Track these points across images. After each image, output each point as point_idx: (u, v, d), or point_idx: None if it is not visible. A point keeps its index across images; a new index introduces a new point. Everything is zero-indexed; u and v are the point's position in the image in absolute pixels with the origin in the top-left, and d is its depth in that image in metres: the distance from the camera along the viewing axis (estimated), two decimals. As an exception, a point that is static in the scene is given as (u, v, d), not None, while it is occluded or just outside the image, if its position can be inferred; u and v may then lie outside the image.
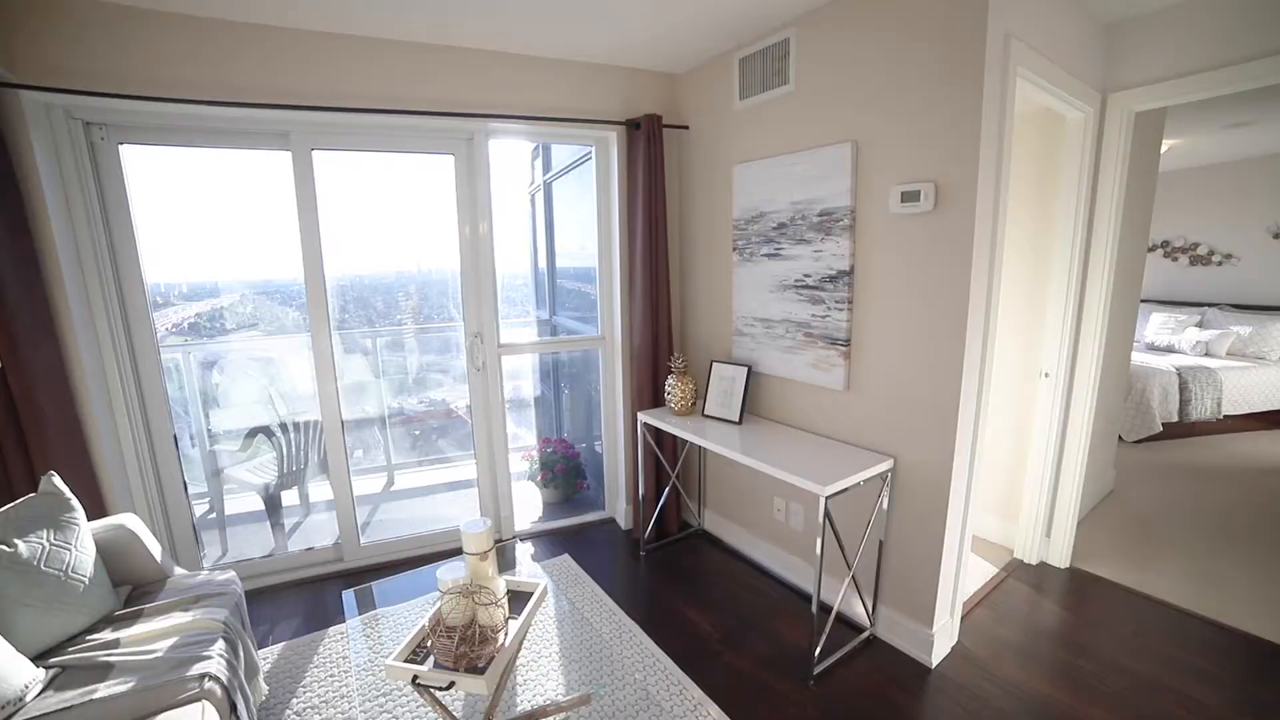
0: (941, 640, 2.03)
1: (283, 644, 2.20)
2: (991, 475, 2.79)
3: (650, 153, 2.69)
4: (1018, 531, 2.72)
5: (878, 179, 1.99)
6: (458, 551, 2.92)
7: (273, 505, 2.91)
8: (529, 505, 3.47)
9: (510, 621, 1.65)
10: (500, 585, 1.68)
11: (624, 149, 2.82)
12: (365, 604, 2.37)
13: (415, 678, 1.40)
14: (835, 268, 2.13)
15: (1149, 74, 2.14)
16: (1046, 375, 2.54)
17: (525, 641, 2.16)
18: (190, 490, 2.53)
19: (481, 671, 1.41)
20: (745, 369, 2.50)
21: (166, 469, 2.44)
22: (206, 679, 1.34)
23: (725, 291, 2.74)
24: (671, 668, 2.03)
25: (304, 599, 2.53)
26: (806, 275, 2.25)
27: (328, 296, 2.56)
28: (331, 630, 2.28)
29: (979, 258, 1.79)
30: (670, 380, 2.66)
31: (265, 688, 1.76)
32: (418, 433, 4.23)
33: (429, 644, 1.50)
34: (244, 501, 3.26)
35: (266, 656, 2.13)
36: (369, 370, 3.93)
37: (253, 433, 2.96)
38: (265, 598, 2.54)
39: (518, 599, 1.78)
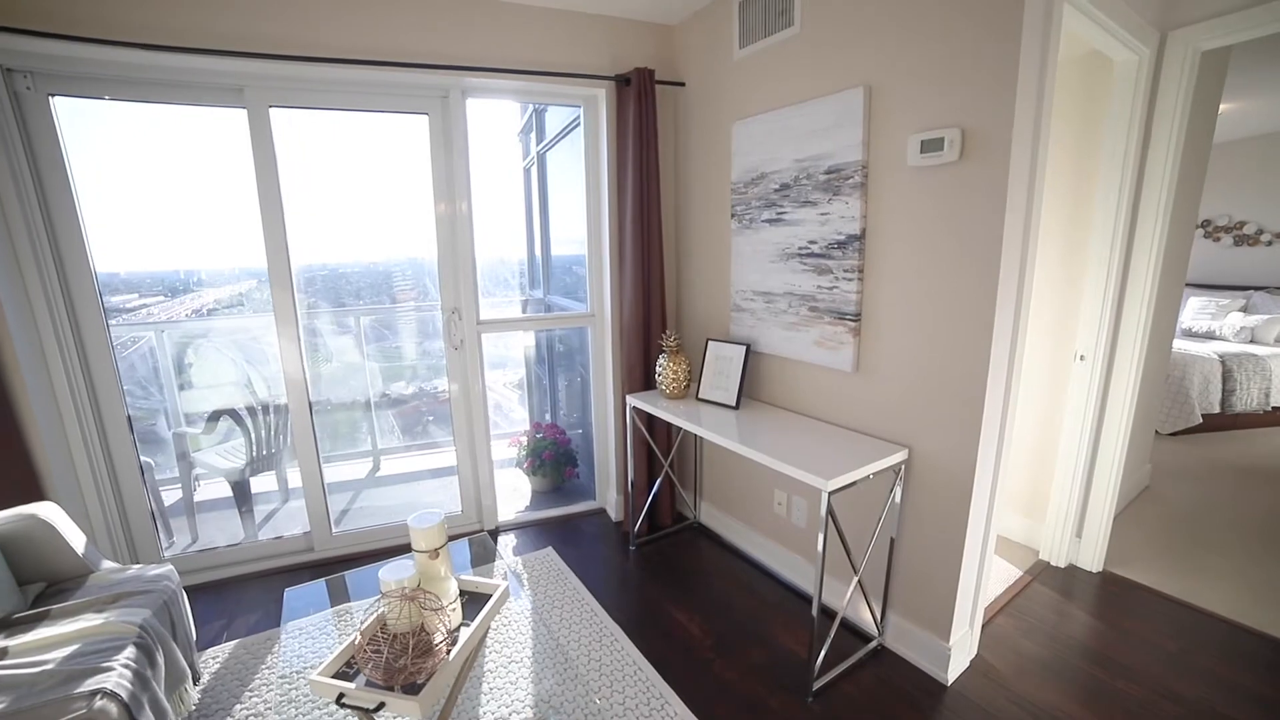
0: (959, 654, 1.80)
1: (235, 642, 2.04)
2: (1015, 467, 2.53)
3: (641, 110, 2.44)
4: (1044, 531, 2.46)
5: (894, 127, 1.72)
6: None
7: (241, 491, 2.74)
8: (517, 494, 3.28)
9: (463, 628, 1.45)
10: (451, 587, 1.48)
11: (614, 108, 2.57)
12: (338, 596, 2.20)
13: (341, 696, 1.21)
14: (844, 232, 1.87)
15: (1219, 2, 1.83)
16: (1082, 358, 2.27)
17: (494, 645, 1.98)
18: (169, 475, 2.38)
19: (418, 690, 1.21)
20: (743, 348, 2.26)
21: (121, 452, 2.28)
22: (99, 695, 1.15)
23: (723, 263, 2.49)
24: (654, 678, 1.83)
25: (269, 591, 2.37)
26: (812, 242, 1.99)
27: (291, 271, 2.36)
28: (290, 626, 2.10)
29: (1013, 216, 1.52)
30: (661, 360, 2.43)
31: (195, 696, 1.59)
32: (405, 417, 4.05)
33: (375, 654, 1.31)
34: (221, 487, 3.11)
35: (216, 655, 1.97)
36: (354, 352, 3.76)
37: (215, 415, 2.79)
38: (229, 589, 2.39)
39: (477, 602, 1.58)
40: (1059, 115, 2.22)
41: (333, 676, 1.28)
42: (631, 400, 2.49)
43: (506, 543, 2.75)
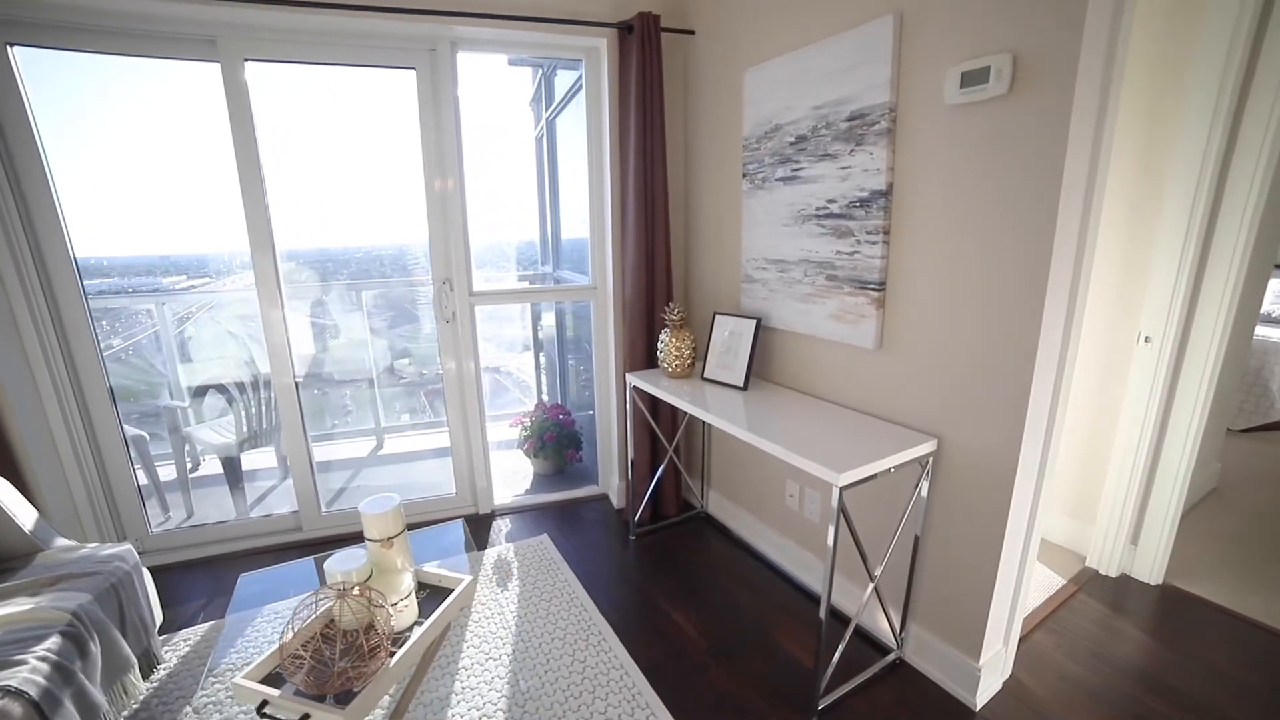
0: (990, 675, 1.57)
1: (209, 624, 1.96)
2: (1062, 461, 2.25)
3: (645, 60, 2.20)
4: (1093, 534, 2.18)
5: (929, 60, 1.45)
6: (435, 522, 2.65)
7: (231, 467, 2.68)
8: (519, 476, 3.15)
9: (416, 628, 1.30)
10: (406, 581, 1.32)
11: (615, 59, 2.34)
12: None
13: (264, 705, 1.07)
14: (867, 187, 1.62)
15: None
16: (1147, 340, 1.97)
17: (473, 640, 1.84)
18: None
19: (346, 702, 1.06)
20: (753, 322, 2.04)
21: (104, 426, 2.21)
22: (0, 695, 1.04)
23: (733, 228, 2.25)
24: (641, 685, 1.66)
25: (256, 570, 2.28)
26: (830, 201, 1.74)
27: (273, 239, 2.23)
28: (266, 609, 2.01)
29: (1075, 161, 1.25)
30: (664, 336, 2.22)
31: (142, 687, 1.49)
32: (410, 395, 3.96)
33: (300, 657, 1.17)
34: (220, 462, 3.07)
35: (188, 639, 1.89)
36: (357, 329, 3.66)
37: (201, 390, 2.72)
38: (216, 568, 2.32)
39: (439, 597, 1.43)
40: (1135, 49, 1.89)
41: (265, 678, 1.14)
42: (631, 379, 2.30)
43: (501, 527, 2.61)
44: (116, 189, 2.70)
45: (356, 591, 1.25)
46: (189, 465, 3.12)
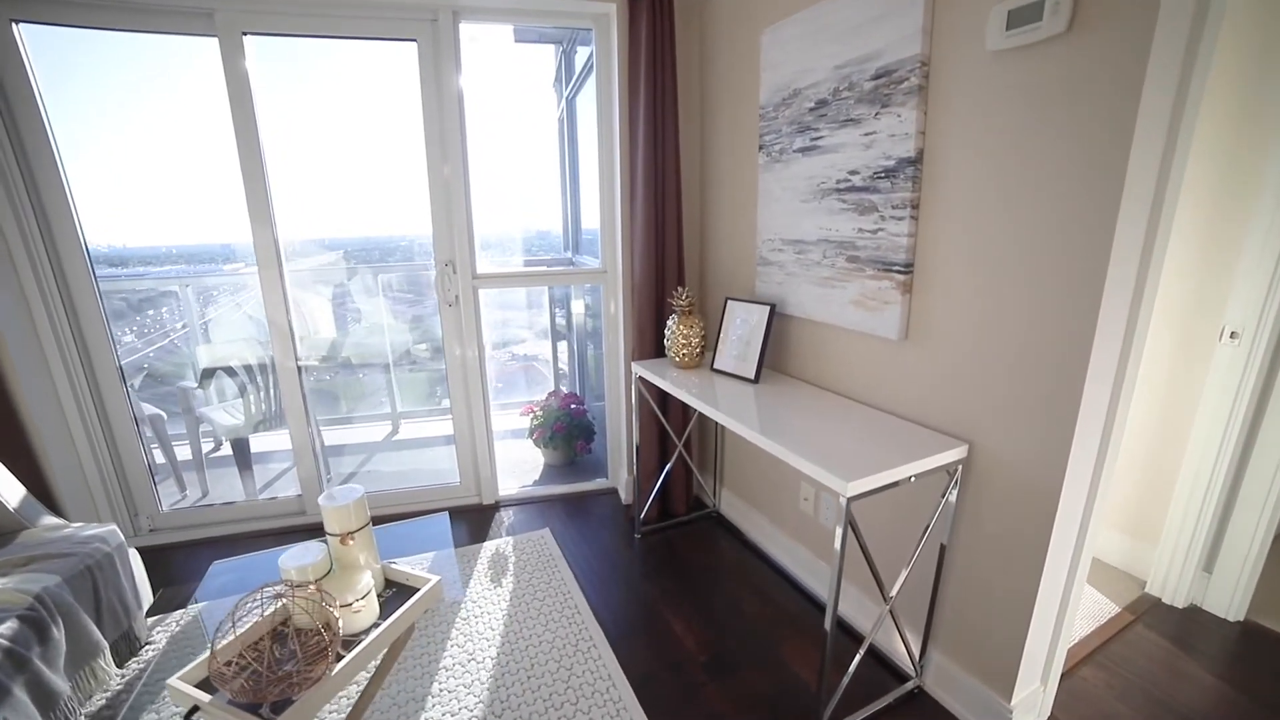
0: (1024, 717, 1.37)
1: (203, 604, 1.94)
2: (1121, 471, 1.98)
3: (655, 26, 2.03)
4: (1156, 557, 1.92)
5: (968, 1, 1.24)
6: (436, 511, 2.59)
7: (240, 448, 2.69)
8: (529, 466, 3.07)
9: (373, 630, 1.21)
10: (364, 580, 1.23)
11: (625, 26, 2.18)
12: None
13: (194, 710, 0.99)
14: (894, 155, 1.41)
15: None
16: (1233, 336, 1.68)
17: (458, 639, 1.75)
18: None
19: (280, 710, 0.98)
20: (767, 309, 1.86)
21: (114, 405, 2.23)
22: (-65, 679, 1.00)
23: (748, 206, 2.07)
24: (628, 699, 1.53)
25: (258, 551, 2.28)
26: (853, 173, 1.54)
27: (273, 215, 2.19)
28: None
29: (1151, 116, 1.03)
30: (671, 322, 2.06)
31: (113, 672, 1.46)
32: (430, 381, 3.94)
33: (239, 659, 1.09)
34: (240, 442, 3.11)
35: (180, 620, 1.88)
36: (375, 313, 3.65)
37: (208, 373, 2.73)
38: (220, 548, 2.32)
39: (407, 597, 1.33)
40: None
41: (204, 680, 1.07)
42: (637, 369, 2.15)
43: (503, 519, 2.53)
44: (150, 178, 2.72)
45: (312, 589, 1.17)
46: (211, 445, 3.18)
